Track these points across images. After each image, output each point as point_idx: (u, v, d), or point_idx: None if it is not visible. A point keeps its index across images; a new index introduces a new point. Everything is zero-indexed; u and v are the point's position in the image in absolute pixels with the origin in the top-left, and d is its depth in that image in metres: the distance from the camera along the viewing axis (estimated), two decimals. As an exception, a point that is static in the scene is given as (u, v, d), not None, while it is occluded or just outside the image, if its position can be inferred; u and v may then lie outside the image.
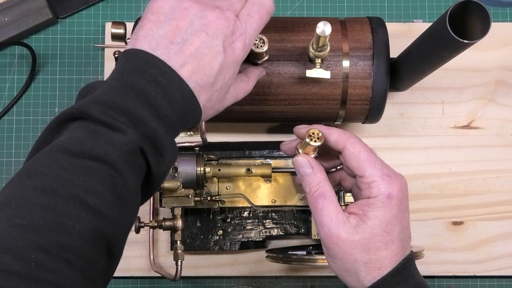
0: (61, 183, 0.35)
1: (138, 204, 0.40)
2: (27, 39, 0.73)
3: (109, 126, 0.37)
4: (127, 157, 0.37)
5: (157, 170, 0.40)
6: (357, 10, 0.74)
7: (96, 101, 0.38)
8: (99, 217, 0.36)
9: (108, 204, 0.36)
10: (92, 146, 0.36)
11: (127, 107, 0.38)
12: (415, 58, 0.56)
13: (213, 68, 0.42)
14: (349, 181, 0.50)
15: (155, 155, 0.40)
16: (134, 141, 0.38)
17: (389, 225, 0.43)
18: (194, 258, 0.69)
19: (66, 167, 0.35)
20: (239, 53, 0.44)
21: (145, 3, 0.74)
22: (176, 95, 0.41)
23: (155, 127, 0.39)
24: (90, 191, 0.36)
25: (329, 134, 0.46)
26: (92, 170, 0.36)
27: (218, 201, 0.64)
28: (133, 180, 0.38)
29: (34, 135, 0.71)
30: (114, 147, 0.37)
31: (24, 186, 0.35)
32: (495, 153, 0.71)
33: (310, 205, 0.45)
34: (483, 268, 0.69)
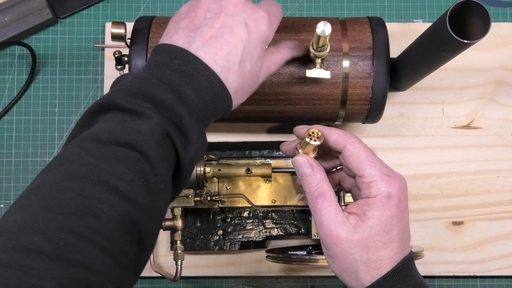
0: (90, 168, 0.35)
1: (168, 191, 0.40)
2: (27, 39, 0.73)
3: (134, 113, 0.38)
4: (154, 143, 0.38)
5: (184, 156, 0.40)
6: (357, 10, 0.74)
7: (121, 90, 0.39)
8: (128, 201, 0.36)
9: (136, 189, 0.37)
10: (119, 133, 0.37)
11: (150, 93, 0.39)
12: (415, 58, 0.56)
13: (237, 46, 0.43)
14: (348, 181, 0.50)
15: (181, 140, 0.40)
16: (159, 126, 0.38)
17: (388, 225, 0.43)
18: (194, 258, 0.69)
19: (94, 154, 0.36)
20: (264, 30, 0.44)
21: (145, 3, 0.74)
22: (202, 81, 0.41)
23: (179, 111, 0.39)
24: (118, 175, 0.36)
25: (328, 134, 0.46)
26: (120, 156, 0.37)
27: (218, 201, 0.64)
28: (161, 166, 0.38)
29: (34, 135, 0.71)
30: (140, 133, 0.38)
31: (56, 173, 0.36)
32: (495, 153, 0.71)
33: (310, 205, 0.45)
34: (483, 268, 0.69)
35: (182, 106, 0.40)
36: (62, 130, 0.72)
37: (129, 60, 0.58)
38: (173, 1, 0.74)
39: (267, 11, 0.45)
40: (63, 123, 0.72)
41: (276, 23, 0.46)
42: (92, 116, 0.39)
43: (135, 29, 0.59)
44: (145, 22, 0.60)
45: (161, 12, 0.74)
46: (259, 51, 0.44)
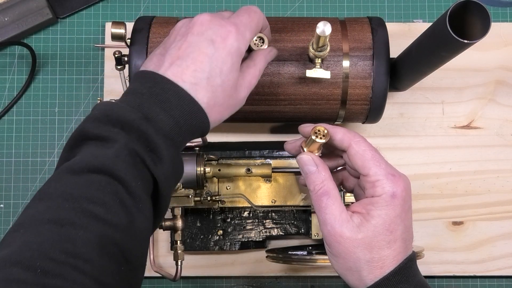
0: (65, 198, 0.37)
1: (147, 209, 0.41)
2: (27, 39, 0.73)
3: (103, 138, 0.40)
4: (122, 163, 0.39)
5: (157, 173, 0.41)
6: (357, 10, 0.74)
7: (90, 119, 0.41)
8: (104, 223, 0.37)
9: (112, 210, 0.37)
10: (89, 160, 0.39)
11: (117, 117, 0.40)
12: (415, 58, 0.56)
13: (203, 63, 0.43)
14: (351, 181, 0.50)
15: (150, 157, 0.40)
16: (126, 146, 0.39)
17: (392, 224, 0.43)
18: (194, 258, 0.69)
19: (68, 184, 0.38)
20: (232, 43, 0.44)
21: (145, 3, 0.74)
22: (171, 99, 0.42)
23: (144, 129, 0.40)
24: (91, 200, 0.37)
25: (334, 133, 0.46)
26: (92, 182, 0.38)
27: (218, 201, 0.64)
28: (135, 185, 0.39)
29: (34, 135, 0.71)
30: (109, 157, 0.39)
31: (35, 208, 0.38)
32: (495, 153, 0.71)
33: (314, 203, 0.45)
34: (483, 268, 0.69)
35: (147, 125, 0.40)
36: (62, 130, 0.72)
37: (129, 60, 0.58)
38: (173, 1, 0.74)
39: (235, 23, 0.45)
40: (63, 123, 0.72)
41: (248, 31, 0.46)
42: (70, 149, 0.41)
43: (135, 29, 0.59)
44: (145, 22, 0.60)
45: (161, 12, 0.74)
46: (229, 65, 0.44)
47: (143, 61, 0.57)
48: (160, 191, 0.42)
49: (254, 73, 0.49)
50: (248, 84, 0.48)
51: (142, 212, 0.40)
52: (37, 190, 0.40)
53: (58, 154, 0.71)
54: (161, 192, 0.42)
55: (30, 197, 0.70)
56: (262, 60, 0.50)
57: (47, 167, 0.71)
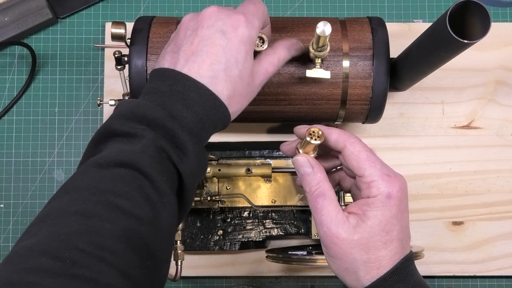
0: (92, 191, 0.38)
1: (172, 205, 0.41)
2: (27, 39, 0.73)
3: (129, 135, 0.41)
4: (148, 158, 0.39)
5: (183, 168, 0.41)
6: (357, 10, 0.74)
7: (116, 116, 0.42)
8: (129, 216, 0.37)
9: (137, 205, 0.38)
10: (116, 155, 0.40)
11: (143, 115, 0.41)
12: (415, 58, 0.56)
13: (218, 55, 0.44)
14: (348, 181, 0.50)
15: (176, 153, 0.41)
16: (153, 142, 0.40)
17: (388, 224, 0.43)
18: (194, 258, 0.69)
19: (95, 177, 0.39)
20: (243, 31, 0.45)
21: (145, 3, 0.74)
22: (192, 96, 0.42)
23: (171, 126, 0.41)
24: (118, 194, 0.38)
25: (329, 134, 0.46)
26: (118, 176, 0.39)
27: (218, 201, 0.64)
28: (160, 180, 0.40)
29: (34, 135, 0.71)
30: (135, 152, 0.40)
31: (61, 200, 0.38)
32: (495, 153, 0.71)
33: (310, 205, 0.45)
34: (483, 268, 0.69)
35: (173, 122, 0.41)
36: (62, 130, 0.72)
37: (129, 60, 0.58)
38: (173, 1, 0.74)
39: (243, 13, 0.46)
40: (63, 123, 0.72)
41: (256, 19, 0.46)
42: (95, 145, 0.42)
43: (135, 29, 0.59)
44: (145, 22, 0.60)
45: (161, 12, 0.74)
46: (244, 53, 0.45)
47: (143, 61, 0.57)
48: (185, 186, 0.42)
49: (272, 61, 0.49)
50: (265, 71, 0.48)
51: (167, 207, 0.40)
52: (37, 188, 0.40)
53: (58, 154, 0.71)
54: (186, 187, 0.42)
55: (30, 197, 0.71)
56: (283, 49, 0.50)
57: (47, 167, 0.71)
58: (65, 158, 0.71)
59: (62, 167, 0.71)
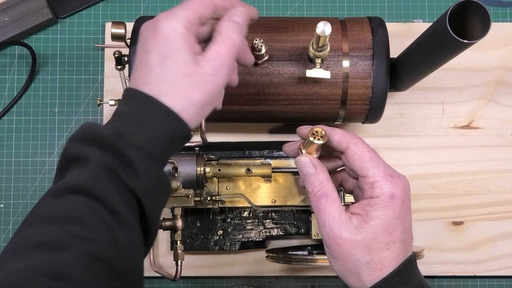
0: (47, 222, 0.38)
1: (132, 224, 0.40)
2: (27, 39, 0.73)
3: (82, 158, 0.40)
4: (98, 181, 0.39)
5: (134, 186, 0.40)
6: (357, 10, 0.74)
7: (71, 139, 0.42)
8: (86, 242, 0.37)
9: (92, 228, 0.38)
10: (67, 181, 0.40)
11: (93, 136, 0.41)
12: (415, 58, 0.56)
13: (148, 59, 0.43)
14: (350, 182, 0.50)
15: (125, 171, 0.40)
16: (101, 163, 0.40)
17: (391, 225, 0.43)
18: (194, 258, 0.69)
19: (50, 208, 0.39)
20: (163, 27, 0.43)
21: (145, 3, 0.74)
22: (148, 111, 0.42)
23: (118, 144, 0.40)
24: (72, 220, 0.38)
25: (332, 134, 0.46)
26: (71, 203, 0.39)
27: (218, 201, 0.64)
28: (112, 201, 0.39)
29: (34, 135, 0.71)
30: (85, 176, 0.39)
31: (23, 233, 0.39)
32: (495, 153, 0.71)
33: (313, 205, 0.45)
34: (483, 268, 0.69)
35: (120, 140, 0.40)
36: (62, 130, 0.72)
37: (129, 60, 0.58)
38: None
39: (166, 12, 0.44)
40: (63, 123, 0.72)
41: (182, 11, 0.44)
42: (60, 172, 0.42)
43: (135, 29, 0.59)
44: (145, 22, 0.60)
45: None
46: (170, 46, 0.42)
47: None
48: (144, 205, 0.41)
49: (222, 40, 0.44)
50: (214, 54, 0.43)
51: (124, 226, 0.40)
52: (37, 188, 0.40)
53: (58, 154, 0.71)
54: (145, 206, 0.41)
55: (30, 197, 0.71)
56: (228, 24, 0.45)
57: (47, 167, 0.71)
58: (65, 158, 0.71)
59: (62, 167, 0.71)
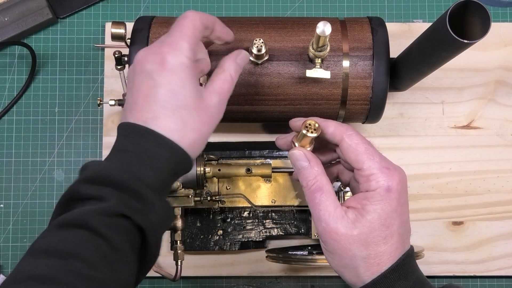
0: (51, 254, 0.38)
1: (131, 262, 0.41)
2: (27, 39, 0.73)
3: (94, 198, 0.41)
4: (107, 220, 0.40)
5: (147, 225, 0.41)
6: (357, 10, 0.74)
7: (83, 180, 0.42)
8: (87, 280, 0.37)
9: (95, 266, 0.38)
10: (75, 216, 0.40)
11: (109, 178, 0.41)
12: (415, 58, 0.56)
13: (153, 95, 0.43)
14: (346, 174, 0.49)
15: (141, 212, 0.41)
16: (114, 206, 0.40)
17: (388, 219, 0.42)
18: (194, 258, 0.69)
19: (54, 239, 0.39)
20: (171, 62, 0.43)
21: (145, 3, 0.74)
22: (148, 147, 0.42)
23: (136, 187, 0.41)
24: (75, 256, 0.38)
25: (326, 127, 0.45)
26: (77, 237, 0.39)
27: (218, 201, 0.64)
28: (117, 240, 0.40)
29: (34, 135, 0.71)
30: (92, 214, 0.39)
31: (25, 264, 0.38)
32: (495, 153, 0.71)
33: (307, 200, 0.45)
34: (483, 268, 0.69)
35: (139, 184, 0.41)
36: (62, 130, 0.72)
37: (129, 60, 0.58)
38: (173, 1, 0.74)
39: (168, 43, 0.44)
40: (63, 123, 0.72)
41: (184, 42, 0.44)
42: (62, 207, 0.42)
43: (135, 29, 0.59)
44: (145, 22, 0.60)
45: (161, 12, 0.74)
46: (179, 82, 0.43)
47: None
48: (150, 242, 0.42)
49: (225, 78, 0.47)
50: (219, 89, 0.46)
51: (126, 265, 0.40)
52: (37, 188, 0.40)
53: (58, 154, 0.71)
54: (151, 243, 0.42)
55: (30, 197, 0.71)
56: (231, 64, 0.48)
57: (47, 167, 0.71)
58: (65, 158, 0.71)
59: (62, 167, 0.71)
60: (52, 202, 0.70)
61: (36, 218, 0.70)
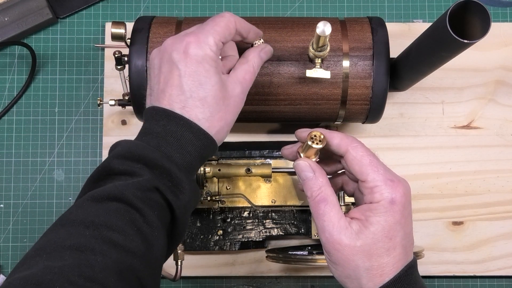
0: (86, 225, 0.39)
1: (162, 238, 0.43)
2: (27, 39, 0.73)
3: (128, 173, 0.42)
4: (141, 194, 0.41)
5: (177, 204, 0.43)
6: (357, 10, 0.74)
7: (116, 156, 0.43)
8: (121, 250, 0.39)
9: (129, 238, 0.40)
10: (111, 189, 0.41)
11: (141, 155, 0.43)
12: (415, 58, 0.56)
13: (180, 85, 0.45)
14: (351, 185, 0.49)
15: (172, 191, 0.43)
16: (148, 180, 0.42)
17: (391, 231, 0.42)
18: (194, 258, 0.69)
19: (89, 211, 0.40)
20: (195, 52, 0.45)
21: (145, 3, 0.74)
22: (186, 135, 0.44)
23: (167, 166, 0.43)
24: (111, 227, 0.39)
25: (331, 138, 0.46)
26: (112, 210, 0.40)
27: (218, 201, 0.64)
28: (151, 214, 0.41)
29: (34, 135, 0.71)
30: (129, 188, 0.41)
31: (57, 233, 0.40)
32: (495, 153, 0.71)
33: (312, 210, 0.45)
34: (483, 268, 0.69)
35: (170, 162, 0.43)
36: (62, 130, 0.72)
37: (129, 60, 0.58)
38: (173, 1, 0.74)
39: (194, 34, 0.46)
40: (63, 123, 0.72)
41: (211, 36, 0.46)
42: (94, 182, 0.43)
43: (135, 29, 0.59)
44: (145, 22, 0.60)
45: (161, 12, 0.74)
46: (204, 73, 0.45)
47: (143, 61, 0.57)
48: (178, 220, 0.44)
49: (248, 69, 0.49)
50: (242, 79, 0.48)
51: (157, 240, 0.42)
52: (37, 188, 0.40)
53: (58, 154, 0.71)
54: (179, 221, 0.44)
55: (30, 197, 0.70)
56: (256, 56, 0.51)
57: (47, 167, 0.71)
58: (65, 158, 0.71)
59: (62, 167, 0.71)
60: (52, 202, 0.71)
61: (36, 218, 0.70)
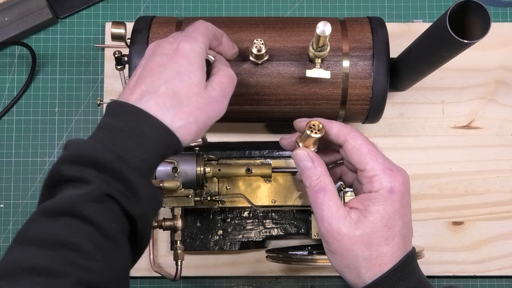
0: (41, 245, 0.37)
1: (124, 248, 0.41)
2: (27, 39, 0.73)
3: (78, 179, 0.40)
4: (94, 206, 0.39)
5: (134, 211, 0.41)
6: (357, 10, 0.74)
7: (65, 159, 0.41)
8: (80, 269, 0.37)
9: (87, 255, 0.38)
10: (63, 203, 0.39)
11: (90, 157, 0.40)
12: (415, 58, 0.56)
13: (157, 73, 0.44)
14: (350, 175, 0.49)
15: (126, 196, 0.40)
16: (100, 187, 0.39)
17: (390, 220, 0.43)
18: (194, 258, 0.69)
19: (44, 228, 0.38)
20: (184, 47, 0.45)
21: (145, 3, 0.74)
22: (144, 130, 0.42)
23: (118, 168, 0.40)
24: (66, 246, 0.37)
25: (330, 127, 0.46)
26: (66, 226, 0.38)
27: (218, 201, 0.64)
28: (108, 226, 0.39)
29: (34, 135, 0.71)
30: (81, 199, 0.39)
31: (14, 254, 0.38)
32: (495, 153, 0.71)
33: (310, 200, 0.45)
34: (483, 268, 0.69)
35: (121, 163, 0.40)
36: (62, 130, 0.72)
37: (129, 60, 0.58)
38: (173, 1, 0.74)
39: (183, 35, 0.46)
40: (63, 123, 0.72)
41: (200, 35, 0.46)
42: (48, 189, 0.41)
43: (135, 29, 0.59)
44: (145, 22, 0.60)
45: (161, 12, 0.74)
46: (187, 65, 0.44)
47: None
48: (139, 227, 0.42)
49: (224, 74, 0.47)
50: (219, 82, 0.46)
51: (120, 251, 0.40)
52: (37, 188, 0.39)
53: (58, 154, 0.71)
54: (140, 228, 0.42)
55: (30, 197, 0.70)
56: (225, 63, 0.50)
57: (47, 167, 0.71)
58: (65, 158, 0.71)
59: (62, 167, 0.71)
60: (52, 202, 0.71)
61: (36, 218, 0.70)
